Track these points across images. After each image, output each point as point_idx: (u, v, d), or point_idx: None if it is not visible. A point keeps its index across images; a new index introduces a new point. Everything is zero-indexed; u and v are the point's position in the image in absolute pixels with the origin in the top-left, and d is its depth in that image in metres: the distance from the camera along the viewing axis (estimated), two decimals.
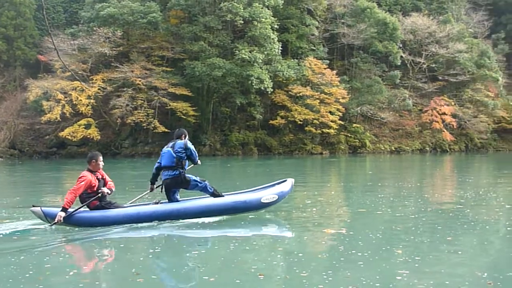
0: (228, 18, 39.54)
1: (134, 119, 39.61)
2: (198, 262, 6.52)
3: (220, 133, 43.56)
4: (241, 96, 41.68)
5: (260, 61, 39.65)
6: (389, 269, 6.10)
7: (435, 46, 52.53)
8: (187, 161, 9.72)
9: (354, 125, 47.47)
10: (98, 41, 40.95)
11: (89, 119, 40.65)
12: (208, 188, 9.67)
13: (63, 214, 8.56)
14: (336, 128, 44.21)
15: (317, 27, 48.31)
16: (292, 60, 44.68)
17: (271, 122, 43.77)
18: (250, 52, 39.27)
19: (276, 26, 41.91)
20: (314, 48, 48.07)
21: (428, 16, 54.60)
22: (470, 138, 53.42)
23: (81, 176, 8.83)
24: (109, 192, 9.12)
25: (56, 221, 8.54)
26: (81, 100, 40.01)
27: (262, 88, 39.90)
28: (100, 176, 9.12)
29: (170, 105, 40.03)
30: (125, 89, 40.17)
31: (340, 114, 44.74)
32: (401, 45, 50.86)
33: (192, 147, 9.74)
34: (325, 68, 45.33)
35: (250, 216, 9.65)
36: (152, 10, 41.12)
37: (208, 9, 41.30)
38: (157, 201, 9.60)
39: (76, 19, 49.71)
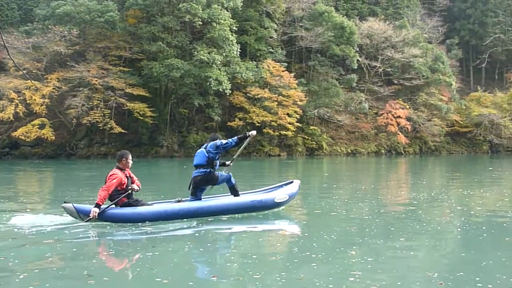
0: (187, 19, 39.40)
1: (90, 119, 39.05)
2: (151, 264, 6.47)
3: (178, 134, 43.36)
4: (199, 98, 41.59)
5: (219, 62, 39.64)
6: (343, 270, 6.19)
7: (391, 50, 53.54)
8: (218, 162, 10.28)
9: (311, 127, 47.91)
10: (53, 39, 40.29)
11: (43, 119, 39.82)
12: (232, 181, 10.27)
13: (97, 210, 8.82)
14: (293, 130, 44.58)
15: (275, 30, 48.61)
16: (251, 62, 44.81)
17: (229, 123, 43.81)
18: (208, 53, 39.20)
19: (235, 28, 41.97)
20: (273, 50, 48.34)
21: (384, 21, 55.60)
22: (424, 141, 54.56)
23: (112, 174, 9.09)
24: (137, 189, 9.45)
25: (91, 217, 8.81)
26: (35, 99, 39.13)
27: (221, 89, 39.90)
28: (127, 174, 9.40)
29: (127, 106, 39.62)
30: (81, 88, 39.56)
31: (298, 116, 45.13)
32: (357, 49, 51.62)
33: (222, 143, 10.22)
34: (283, 71, 45.67)
35: (206, 218, 9.66)
36: (109, 9, 40.65)
37: (166, 9, 41.05)
38: (179, 199, 10.05)
39: (31, 16, 48.74)
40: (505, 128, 58.23)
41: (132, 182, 9.41)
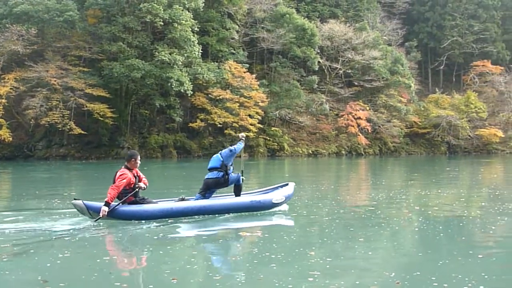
0: (148, 19, 39.06)
1: (48, 120, 38.33)
2: (110, 268, 6.40)
3: (139, 135, 42.97)
4: (160, 98, 41.31)
5: (180, 63, 39.43)
6: (302, 270, 6.22)
7: (351, 52, 54.12)
8: (231, 167, 10.92)
9: (273, 128, 48.08)
10: (10, 38, 39.41)
11: (0, 119, 38.92)
12: (240, 181, 10.94)
13: (106, 208, 9.10)
14: (255, 132, 44.66)
15: (237, 31, 48.63)
16: (212, 63, 44.72)
17: (190, 124, 43.64)
18: (170, 54, 38.94)
19: (196, 29, 41.80)
20: (234, 51, 48.34)
21: (345, 23, 56.18)
22: (384, 142, 55.31)
23: (122, 174, 9.44)
24: (144, 187, 9.81)
25: (101, 215, 9.08)
26: None
27: (182, 90, 39.69)
28: (135, 173, 9.73)
29: (87, 106, 39.05)
30: (39, 89, 38.78)
31: (259, 117, 45.24)
32: (318, 51, 52.03)
33: (231, 149, 10.97)
34: (244, 72, 45.70)
35: (166, 221, 9.59)
36: (69, 8, 40.00)
37: (127, 9, 40.64)
38: (182, 197, 10.51)
39: None
40: (462, 129, 59.52)
41: (139, 181, 9.74)
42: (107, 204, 9.10)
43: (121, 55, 39.39)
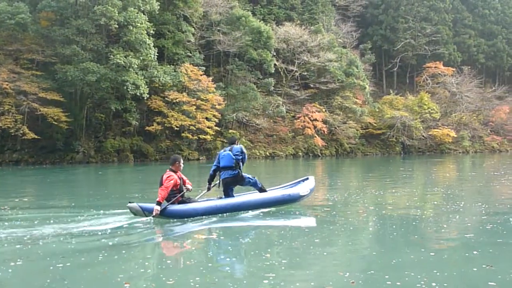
0: (102, 22, 38.53)
1: (1, 125, 37.39)
2: (63, 275, 6.29)
3: (95, 139, 42.32)
4: (116, 102, 40.80)
5: (136, 66, 39.04)
6: (256, 272, 6.26)
7: (307, 55, 54.61)
8: (240, 162, 11.42)
9: (230, 131, 48.08)
10: None
11: None
12: (257, 184, 11.58)
13: (159, 207, 9.95)
14: (212, 134, 44.62)
15: (193, 34, 48.43)
16: (169, 66, 44.45)
17: (147, 128, 43.26)
18: (125, 57, 38.51)
19: (152, 32, 41.46)
20: (191, 54, 48.16)
21: (300, 26, 56.64)
22: (340, 143, 55.95)
23: (169, 176, 10.30)
24: (191, 189, 10.80)
25: (154, 214, 9.90)
26: None
27: (138, 94, 39.30)
28: (179, 176, 10.55)
29: (40, 111, 38.22)
30: None
31: (216, 120, 45.19)
32: (274, 53, 52.28)
33: (245, 151, 11.54)
34: (201, 75, 45.57)
35: (115, 225, 9.47)
36: (20, 10, 39.09)
37: (81, 12, 40.02)
38: (220, 196, 11.30)
39: None
40: (416, 129, 60.76)
41: (184, 183, 10.57)
42: (158, 203, 9.97)
43: (75, 58, 38.72)
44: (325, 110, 54.77)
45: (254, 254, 7.25)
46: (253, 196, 11.50)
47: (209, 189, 11.45)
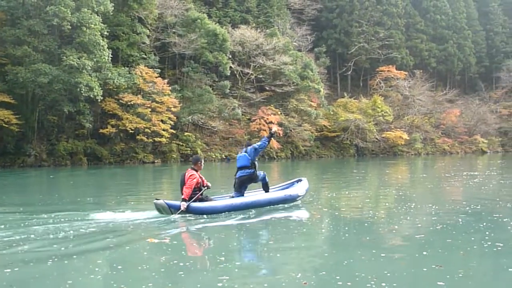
0: (55, 23, 37.80)
1: None
2: (13, 283, 6.14)
3: (47, 142, 41.45)
4: (69, 104, 40.03)
5: (89, 68, 38.40)
6: (211, 276, 6.25)
7: (262, 57, 54.83)
8: (257, 163, 12.45)
9: (186, 133, 47.85)
10: None
11: None
12: (266, 179, 12.68)
13: (185, 204, 10.85)
14: (167, 137, 44.29)
15: (148, 36, 48.00)
16: (123, 68, 43.91)
17: (101, 131, 42.63)
18: (78, 58, 37.84)
19: (106, 33, 40.88)
20: (145, 56, 47.74)
21: (255, 29, 56.81)
22: (295, 145, 56.29)
23: (192, 175, 11.24)
24: (210, 186, 11.72)
25: (181, 210, 10.77)
26: None
27: (92, 96, 38.66)
28: (199, 175, 11.45)
29: None
30: None
31: (172, 123, 44.88)
32: (230, 56, 52.28)
33: (259, 145, 12.68)
34: (156, 77, 45.23)
35: (63, 234, 9.29)
36: None
37: (33, 12, 39.17)
38: (232, 195, 12.34)
39: None
40: (370, 132, 61.65)
41: (202, 182, 11.44)
42: (184, 200, 10.90)
43: (27, 59, 37.85)
44: (281, 113, 55.05)
45: (208, 257, 7.26)
46: (261, 196, 12.52)
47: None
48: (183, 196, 10.99)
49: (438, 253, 7.45)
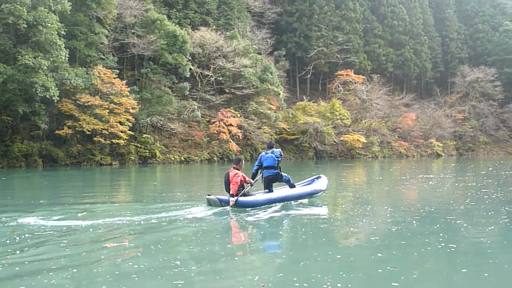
0: (10, 21, 37.05)
1: None
2: None
3: (1, 143, 40.45)
4: (24, 104, 39.18)
5: (46, 68, 37.74)
6: (165, 280, 6.20)
7: (222, 60, 54.78)
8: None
9: (144, 135, 47.43)
10: None
11: None
12: (290, 181, 14.10)
13: (234, 199, 12.28)
14: (126, 139, 43.80)
15: (106, 36, 47.37)
16: (80, 68, 43.25)
17: (57, 132, 41.88)
18: (34, 58, 37.17)
19: (63, 32, 40.24)
20: (104, 57, 47.11)
21: (216, 31, 56.72)
22: (255, 148, 56.40)
23: (236, 173, 12.74)
24: (253, 182, 13.23)
25: (231, 204, 12.19)
26: None
27: (48, 96, 37.98)
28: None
29: None
30: None
31: (130, 124, 44.39)
32: (190, 58, 52.07)
33: (283, 154, 14.27)
34: (114, 78, 44.71)
35: (20, 238, 9.13)
36: None
37: None
38: (266, 191, 13.62)
39: None
40: (328, 135, 62.23)
41: (245, 180, 12.89)
42: (232, 196, 12.31)
43: None
44: (240, 115, 55.10)
45: (163, 260, 7.14)
46: (293, 190, 14.01)
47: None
48: (231, 192, 12.40)
49: (393, 255, 7.57)
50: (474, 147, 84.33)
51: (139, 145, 46.73)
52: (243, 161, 13.76)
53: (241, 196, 12.49)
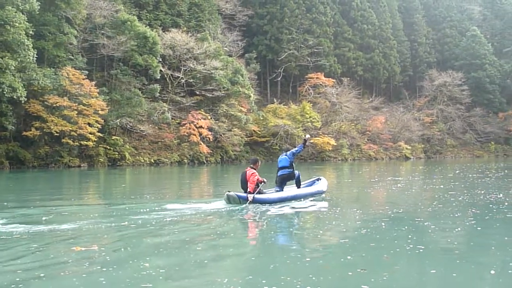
0: None
1: None
2: None
3: None
4: None
5: (13, 68, 37.13)
6: (134, 282, 6.14)
7: (193, 62, 54.61)
8: (293, 163, 15.06)
9: (114, 137, 47.02)
10: None
11: None
12: (300, 180, 15.39)
13: (251, 196, 13.28)
14: (94, 140, 43.33)
15: (76, 36, 46.77)
16: (49, 69, 42.67)
17: (24, 133, 41.22)
18: (1, 58, 36.56)
19: (31, 32, 39.65)
20: (73, 57, 46.54)
21: (186, 33, 56.51)
22: (225, 150, 56.40)
23: (253, 173, 13.76)
24: (266, 181, 14.12)
25: (250, 201, 13.17)
26: None
27: (15, 97, 37.36)
28: None
29: None
30: None
31: (99, 126, 43.94)
32: (160, 59, 51.73)
33: (296, 150, 15.67)
34: (83, 79, 44.19)
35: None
36: None
37: None
38: (276, 189, 14.77)
39: None
40: (298, 137, 62.42)
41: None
42: (250, 193, 13.37)
43: None
44: (211, 118, 54.99)
45: (132, 263, 7.07)
46: (301, 190, 15.21)
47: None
48: (249, 190, 13.49)
49: (362, 257, 7.61)
50: (441, 150, 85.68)
51: (108, 147, 46.29)
52: (260, 162, 14.96)
53: (256, 193, 13.51)
